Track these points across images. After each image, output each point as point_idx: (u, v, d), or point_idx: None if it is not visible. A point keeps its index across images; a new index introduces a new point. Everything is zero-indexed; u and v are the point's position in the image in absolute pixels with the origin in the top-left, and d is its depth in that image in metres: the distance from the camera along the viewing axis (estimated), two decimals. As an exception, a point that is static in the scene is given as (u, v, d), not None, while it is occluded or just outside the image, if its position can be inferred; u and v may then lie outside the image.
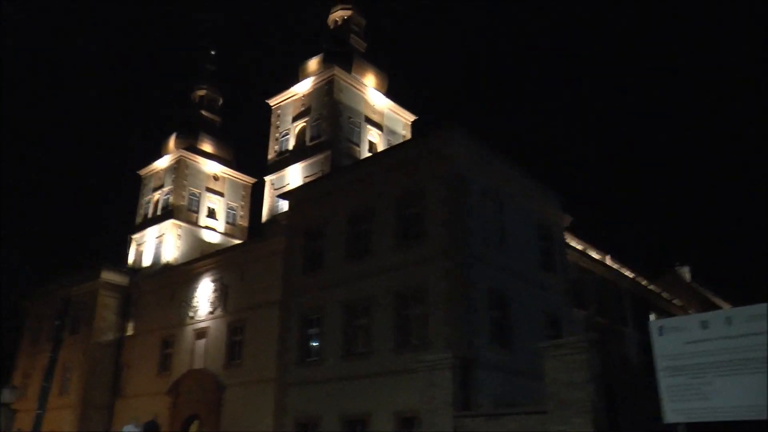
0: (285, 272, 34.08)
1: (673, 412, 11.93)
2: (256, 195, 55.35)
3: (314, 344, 31.40)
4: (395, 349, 27.70)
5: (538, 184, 33.54)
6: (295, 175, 41.58)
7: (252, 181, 56.07)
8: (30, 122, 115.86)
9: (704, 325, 11.95)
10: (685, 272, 66.85)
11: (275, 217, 40.86)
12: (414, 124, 46.82)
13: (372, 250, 30.11)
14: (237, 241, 50.35)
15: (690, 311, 51.80)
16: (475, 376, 25.30)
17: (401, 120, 46.25)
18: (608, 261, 45.66)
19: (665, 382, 12.18)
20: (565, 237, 36.40)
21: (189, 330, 41.47)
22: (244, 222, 54.97)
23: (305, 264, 33.09)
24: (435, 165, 28.79)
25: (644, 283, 48.37)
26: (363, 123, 43.24)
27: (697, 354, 11.78)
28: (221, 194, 54.12)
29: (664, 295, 50.67)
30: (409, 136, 45.51)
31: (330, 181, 34.15)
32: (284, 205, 38.70)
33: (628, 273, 45.40)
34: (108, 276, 48.17)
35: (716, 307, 60.24)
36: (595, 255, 43.22)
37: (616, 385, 25.42)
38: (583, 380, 13.65)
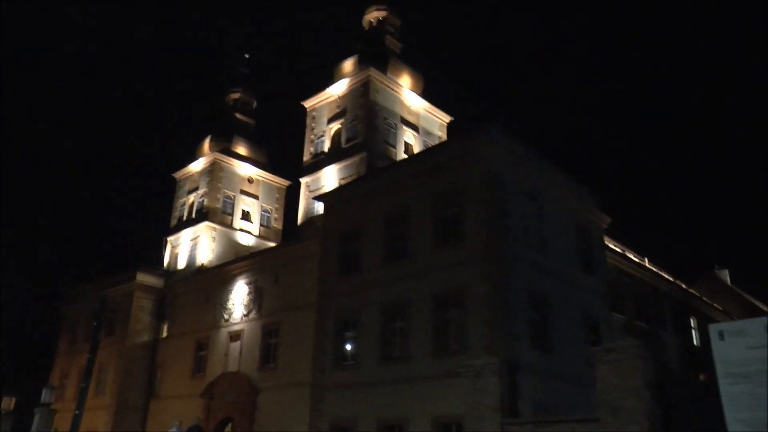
0: (321, 275, 33.84)
1: (736, 421, 11.18)
2: (290, 198, 55.46)
3: (350, 348, 31.09)
4: (433, 353, 27.26)
5: (576, 184, 32.89)
6: (330, 177, 41.33)
7: (286, 184, 55.98)
8: (67, 124, 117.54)
9: (770, 329, 11.12)
10: (725, 275, 65.43)
11: (311, 219, 40.71)
12: (450, 125, 46.31)
13: (409, 252, 29.73)
14: (271, 244, 50.28)
15: (732, 315, 50.58)
16: (517, 380, 25.00)
17: (437, 121, 45.77)
18: (646, 264, 44.70)
19: (727, 390, 11.43)
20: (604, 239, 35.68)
21: (223, 332, 41.48)
22: (278, 225, 54.88)
23: (341, 266, 32.81)
24: (473, 165, 28.34)
25: (683, 286, 47.25)
26: (399, 124, 42.83)
27: (762, 360, 11.05)
28: (256, 197, 54.09)
29: (704, 298, 49.47)
30: (445, 137, 45.00)
31: (366, 183, 33.84)
32: (320, 207, 38.53)
33: (666, 276, 44.36)
34: (143, 278, 48.48)
35: (758, 311, 58.84)
36: (633, 257, 42.33)
37: (670, 391, 24.60)
38: (638, 386, 13.05)
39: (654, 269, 43.73)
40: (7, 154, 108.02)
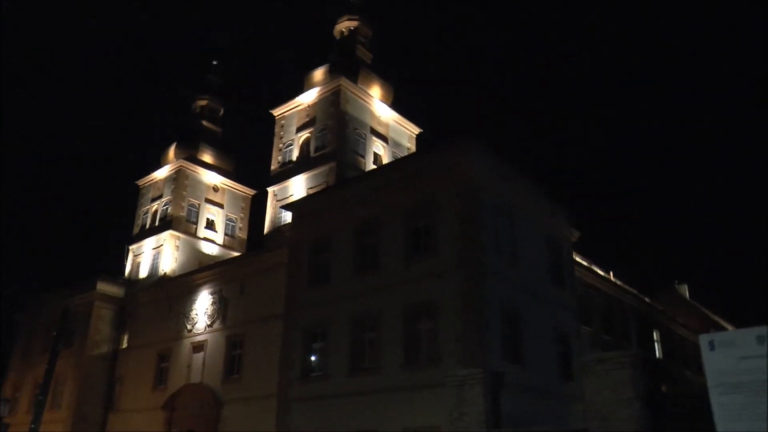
0: (288, 285, 33.31)
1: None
2: (256, 207, 54.87)
3: (319, 359, 30.58)
4: (404, 365, 26.96)
5: (546, 198, 32.97)
6: (298, 187, 40.85)
7: (252, 193, 55.34)
8: (26, 130, 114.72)
9: (761, 340, 11.17)
10: (684, 290, 66.50)
11: (278, 228, 40.19)
12: (419, 136, 46.27)
13: (380, 263, 29.42)
14: (236, 254, 49.55)
15: (692, 329, 51.29)
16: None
17: (406, 132, 45.67)
18: (611, 278, 45.06)
19: (718, 400, 11.36)
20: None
21: (186, 343, 40.63)
22: (243, 234, 54.17)
23: (310, 277, 32.34)
24: (447, 177, 28.22)
25: (647, 300, 47.80)
26: (368, 134, 42.60)
27: (753, 371, 10.99)
28: (221, 206, 53.33)
29: (666, 312, 50.11)
30: (414, 148, 44.96)
31: (336, 193, 33.50)
32: (288, 217, 38.11)
33: (630, 290, 44.80)
34: (104, 287, 47.26)
35: (716, 325, 59.88)
36: (598, 271, 42.63)
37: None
38: (629, 396, 12.92)
39: (619, 283, 44.11)
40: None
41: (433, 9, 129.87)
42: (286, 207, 35.98)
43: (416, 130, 46.25)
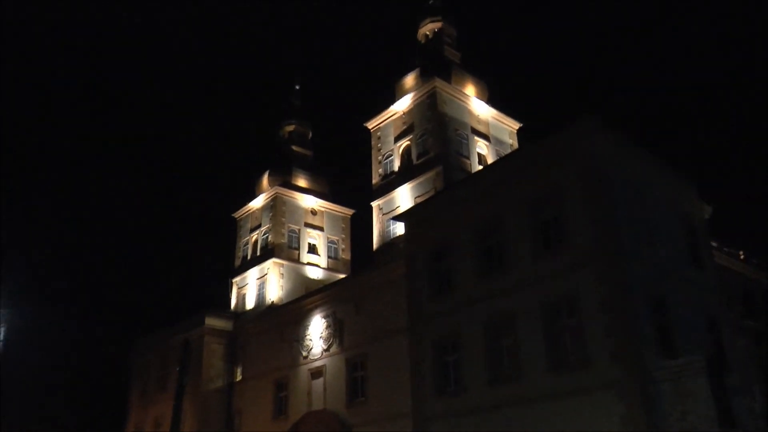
0: (410, 298, 31.73)
1: None
2: (355, 227, 53.90)
3: (453, 372, 28.74)
4: (549, 370, 24.86)
5: (675, 172, 30.33)
6: (404, 197, 39.47)
7: (351, 213, 54.31)
8: (116, 176, 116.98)
9: None
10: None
11: (389, 242, 38.84)
12: (520, 131, 44.28)
13: (508, 262, 27.59)
14: (341, 276, 48.44)
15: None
16: (650, 393, 22.35)
17: (507, 128, 43.77)
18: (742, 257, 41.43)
19: None
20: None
21: (303, 370, 39.60)
22: (346, 255, 53.04)
23: (432, 286, 30.72)
24: (571, 160, 26.40)
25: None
26: (470, 134, 40.93)
27: None
28: (321, 228, 52.42)
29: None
30: (516, 144, 43.03)
31: (451, 195, 31.81)
32: (398, 229, 36.93)
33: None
34: (212, 322, 46.96)
35: None
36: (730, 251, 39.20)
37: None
38: None
39: (755, 263, 40.53)
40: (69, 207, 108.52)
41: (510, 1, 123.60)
42: (398, 218, 34.48)
43: (516, 125, 44.36)
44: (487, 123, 42.73)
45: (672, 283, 26.47)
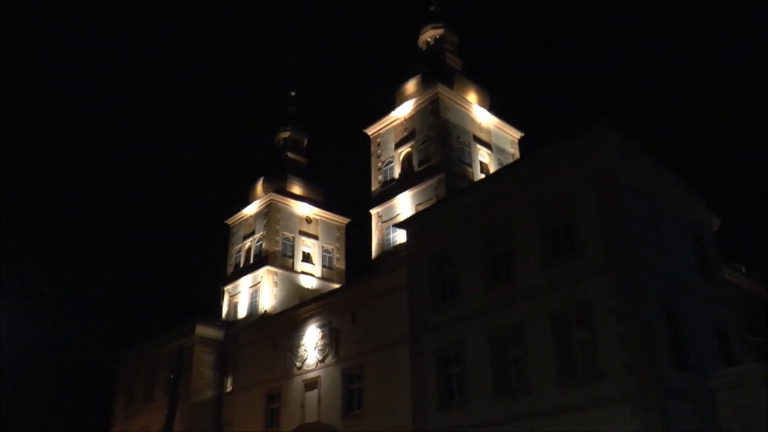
0: (411, 307, 30.82)
1: None
2: (349, 236, 53.23)
3: (456, 384, 27.79)
4: (560, 383, 24.01)
5: (685, 182, 29.70)
6: (405, 204, 38.62)
7: (346, 221, 53.37)
8: (112, 182, 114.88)
9: None
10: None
11: (388, 251, 37.99)
12: (521, 141, 43.64)
13: (515, 271, 26.80)
14: (335, 286, 47.43)
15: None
16: (667, 406, 21.58)
17: (508, 137, 43.11)
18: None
19: None
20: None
21: (297, 381, 38.65)
22: (341, 265, 52.04)
23: (435, 296, 29.85)
24: (582, 167, 25.74)
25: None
26: (472, 142, 40.21)
27: None
28: (315, 237, 51.40)
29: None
30: (517, 154, 42.39)
31: (456, 202, 30.92)
32: (398, 237, 36.18)
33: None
34: (203, 330, 45.81)
35: None
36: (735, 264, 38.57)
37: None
38: None
39: (757, 277, 39.92)
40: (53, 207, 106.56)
41: (511, 9, 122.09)
42: (399, 225, 33.54)
43: (518, 135, 43.74)
44: (489, 131, 42.05)
45: (683, 295, 25.81)
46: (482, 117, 41.95)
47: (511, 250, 27.20)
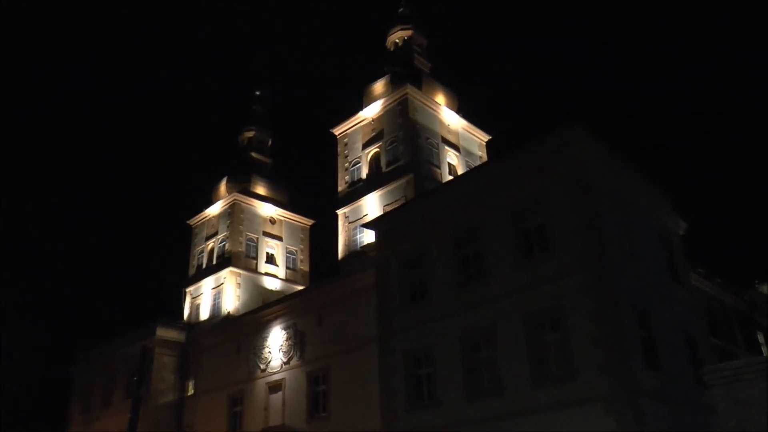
0: (380, 308, 30.50)
1: None
2: (313, 237, 52.52)
3: (427, 386, 27.56)
4: (533, 383, 23.94)
5: (653, 184, 29.99)
6: (372, 205, 38.29)
7: (310, 223, 52.93)
8: (67, 179, 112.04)
9: None
10: (764, 289, 62.37)
11: (358, 250, 37.61)
12: (488, 144, 43.65)
13: (488, 272, 26.66)
14: (299, 287, 46.93)
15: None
16: (640, 406, 21.70)
17: (476, 140, 43.14)
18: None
19: None
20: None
21: (261, 384, 38.00)
22: (305, 266, 51.52)
23: (404, 297, 29.58)
24: (556, 168, 25.71)
25: (745, 299, 44.03)
26: (440, 144, 40.11)
27: None
28: (279, 238, 50.82)
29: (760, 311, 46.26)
30: (485, 157, 42.40)
31: (426, 202, 30.69)
32: (365, 238, 35.80)
33: (729, 289, 41.16)
34: (164, 333, 44.94)
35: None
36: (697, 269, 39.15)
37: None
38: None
39: (718, 281, 40.62)
40: (13, 204, 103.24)
41: (478, 15, 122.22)
42: (368, 225, 33.18)
43: (486, 138, 43.79)
44: (457, 133, 42.01)
45: (654, 297, 26.02)
46: (450, 119, 41.89)
47: (482, 250, 27.05)
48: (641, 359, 23.17)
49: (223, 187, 51.41)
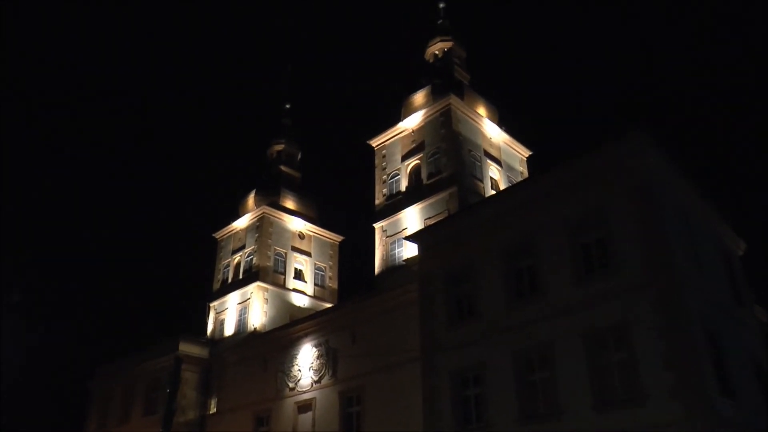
0: (423, 325, 28.93)
1: None
2: (343, 254, 51.31)
3: (475, 407, 25.86)
4: (595, 407, 22.22)
5: (716, 202, 28.45)
6: (412, 218, 36.81)
7: (339, 239, 51.41)
8: (92, 192, 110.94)
9: None
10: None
11: (394, 266, 36.14)
12: (529, 159, 42.24)
13: (543, 287, 25.15)
14: (327, 305, 45.40)
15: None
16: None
17: (517, 155, 41.78)
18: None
19: None
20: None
21: (289, 403, 36.70)
22: (333, 284, 49.92)
23: (451, 313, 28.06)
24: (619, 179, 24.25)
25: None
26: (483, 157, 38.70)
27: None
28: (308, 254, 49.29)
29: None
30: (526, 172, 40.96)
31: (475, 215, 29.18)
32: (404, 252, 34.49)
33: None
34: (187, 348, 43.62)
35: None
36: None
37: None
38: None
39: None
40: (37, 219, 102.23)
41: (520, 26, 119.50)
42: (410, 238, 31.68)
43: (527, 153, 42.45)
44: (499, 147, 40.62)
45: (723, 318, 24.39)
46: (492, 132, 40.54)
47: (536, 265, 25.57)
48: (715, 384, 21.48)
49: (251, 199, 50.10)
